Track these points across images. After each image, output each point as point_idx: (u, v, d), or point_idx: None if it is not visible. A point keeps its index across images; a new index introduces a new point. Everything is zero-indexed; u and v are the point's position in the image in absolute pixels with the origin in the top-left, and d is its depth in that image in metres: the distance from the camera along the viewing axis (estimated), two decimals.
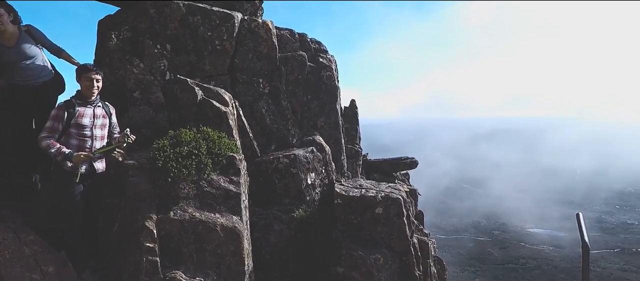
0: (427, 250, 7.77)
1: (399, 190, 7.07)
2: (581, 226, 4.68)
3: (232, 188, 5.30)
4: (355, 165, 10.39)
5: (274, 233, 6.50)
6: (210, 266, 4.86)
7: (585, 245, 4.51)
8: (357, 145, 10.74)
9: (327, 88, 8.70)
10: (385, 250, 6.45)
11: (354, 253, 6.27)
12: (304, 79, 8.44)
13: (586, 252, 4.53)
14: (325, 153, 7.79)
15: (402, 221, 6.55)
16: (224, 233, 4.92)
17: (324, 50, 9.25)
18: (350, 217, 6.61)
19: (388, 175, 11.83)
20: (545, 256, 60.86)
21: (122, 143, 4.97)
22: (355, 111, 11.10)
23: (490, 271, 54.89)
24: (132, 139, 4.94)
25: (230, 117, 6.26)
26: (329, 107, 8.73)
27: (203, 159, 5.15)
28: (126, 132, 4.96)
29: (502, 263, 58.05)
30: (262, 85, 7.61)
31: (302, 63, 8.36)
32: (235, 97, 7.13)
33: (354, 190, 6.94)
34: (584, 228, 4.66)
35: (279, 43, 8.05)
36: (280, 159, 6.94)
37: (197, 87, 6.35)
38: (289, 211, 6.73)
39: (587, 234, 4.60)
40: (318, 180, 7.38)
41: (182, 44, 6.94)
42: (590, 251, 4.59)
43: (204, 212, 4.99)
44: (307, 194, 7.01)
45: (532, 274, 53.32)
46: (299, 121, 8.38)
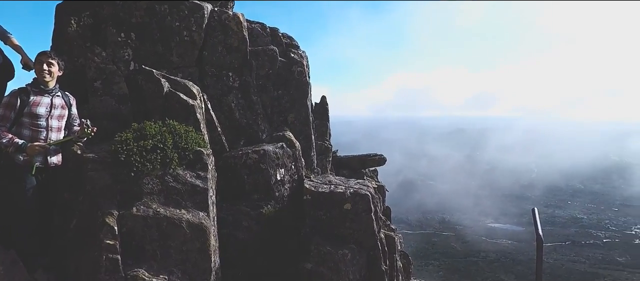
0: (394, 245, 7.96)
1: (367, 186, 7.18)
2: (536, 221, 4.96)
3: (199, 183, 5.18)
4: (325, 161, 10.44)
5: (242, 229, 6.43)
6: (175, 263, 4.74)
7: (539, 238, 4.78)
8: (327, 142, 10.79)
9: (298, 84, 8.67)
10: (353, 245, 6.55)
11: (323, 249, 6.31)
12: (275, 74, 8.36)
13: (540, 245, 4.80)
14: (295, 149, 7.77)
15: (370, 217, 6.66)
16: (190, 230, 4.81)
17: (296, 45, 9.20)
18: (319, 213, 6.64)
19: (357, 172, 11.98)
20: (504, 249, 64.05)
21: (82, 136, 4.73)
22: (326, 107, 11.13)
23: (453, 264, 57.10)
24: (93, 131, 4.71)
25: (198, 111, 6.11)
26: (300, 102, 8.71)
27: (169, 153, 5.00)
28: (86, 123, 4.71)
29: (464, 257, 60.55)
30: (231, 79, 7.47)
31: (273, 58, 8.27)
32: (204, 90, 6.96)
33: (324, 186, 6.98)
34: (539, 222, 4.94)
35: (250, 37, 7.92)
36: (250, 154, 6.85)
37: (163, 79, 6.14)
38: (258, 207, 6.67)
39: (541, 228, 4.88)
40: (288, 176, 7.35)
41: (148, 33, 6.68)
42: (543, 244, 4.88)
43: (169, 208, 4.85)
44: (276, 190, 6.97)
45: (492, 267, 55.98)
46: (269, 116, 8.30)
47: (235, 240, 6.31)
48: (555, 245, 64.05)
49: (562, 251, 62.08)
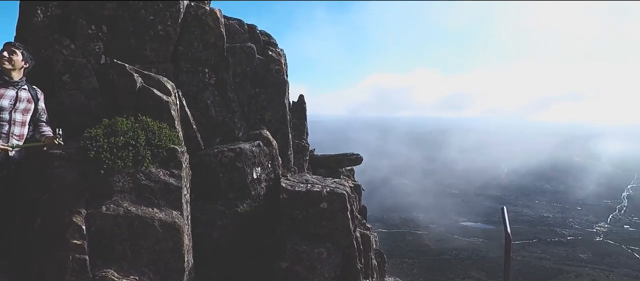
0: (369, 244, 8.05)
1: (343, 185, 7.23)
2: (505, 220, 5.15)
3: (172, 181, 5.07)
4: (302, 160, 10.43)
5: (216, 228, 6.34)
6: (147, 263, 4.62)
7: (508, 236, 4.97)
8: (304, 141, 10.79)
9: (276, 82, 8.62)
10: (329, 244, 6.58)
11: (298, 248, 6.31)
12: (252, 72, 8.28)
13: (508, 243, 4.99)
14: (272, 148, 7.73)
15: (346, 216, 6.71)
16: (163, 229, 4.70)
17: (274, 43, 9.14)
18: (296, 212, 6.64)
19: (334, 171, 12.04)
20: (475, 247, 66.09)
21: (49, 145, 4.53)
22: (304, 106, 11.12)
23: (426, 262, 58.41)
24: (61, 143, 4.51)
25: (173, 107, 5.97)
26: (277, 101, 8.66)
27: (141, 150, 4.86)
28: (59, 133, 4.51)
29: (438, 255, 62.06)
30: (207, 76, 7.34)
31: (251, 55, 8.18)
32: (179, 86, 6.81)
33: (300, 185, 6.97)
34: (507, 221, 5.13)
35: (227, 33, 7.81)
36: (226, 153, 6.76)
37: (136, 74, 5.96)
38: (233, 206, 6.59)
39: (510, 226, 5.07)
40: (264, 175, 7.30)
41: (120, 26, 6.47)
42: (511, 242, 5.07)
43: (140, 207, 4.72)
44: (252, 189, 6.92)
45: (464, 264, 57.64)
46: (246, 114, 8.22)
47: (209, 240, 6.21)
48: (523, 242, 66.65)
49: (530, 249, 64.68)
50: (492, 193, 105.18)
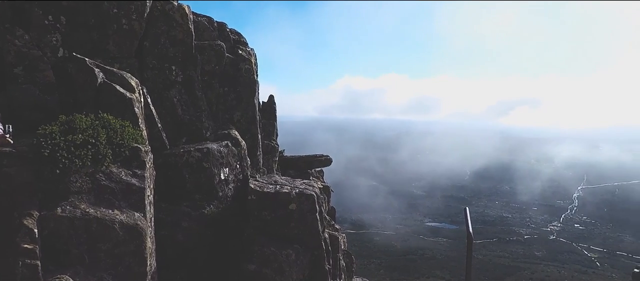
0: (337, 245, 8.10)
1: (313, 186, 7.23)
2: (467, 220, 5.32)
3: (135, 182, 4.87)
4: (272, 161, 10.35)
5: (182, 230, 6.15)
6: (106, 267, 4.40)
7: (470, 236, 5.14)
8: (274, 141, 10.71)
9: (246, 82, 8.50)
10: (298, 246, 6.56)
11: (266, 250, 6.25)
12: (222, 70, 8.12)
13: (470, 242, 5.16)
14: (241, 148, 7.61)
15: (314, 218, 6.71)
16: (124, 232, 4.50)
17: (244, 42, 9.01)
18: (264, 213, 6.57)
19: (303, 172, 12.03)
20: (439, 246, 68.22)
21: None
22: (274, 107, 11.04)
23: (393, 262, 59.60)
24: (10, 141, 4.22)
25: (136, 105, 5.74)
26: (247, 100, 8.54)
27: (102, 149, 4.64)
28: (8, 129, 4.21)
29: (403, 255, 63.49)
30: (174, 73, 7.12)
31: (220, 53, 8.02)
32: (144, 83, 6.56)
33: (269, 186, 6.91)
34: (469, 221, 5.31)
35: (196, 30, 7.61)
36: (192, 153, 6.58)
37: (97, 69, 5.68)
38: (200, 207, 6.43)
39: (472, 226, 5.25)
40: (232, 176, 7.17)
41: (81, 18, 6.14)
42: (473, 241, 5.25)
43: (100, 208, 4.50)
44: (219, 190, 6.77)
45: (429, 263, 59.31)
46: (214, 113, 8.04)
47: (174, 242, 6.02)
48: (484, 241, 69.48)
49: (490, 248, 67.51)
50: (456, 194, 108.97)
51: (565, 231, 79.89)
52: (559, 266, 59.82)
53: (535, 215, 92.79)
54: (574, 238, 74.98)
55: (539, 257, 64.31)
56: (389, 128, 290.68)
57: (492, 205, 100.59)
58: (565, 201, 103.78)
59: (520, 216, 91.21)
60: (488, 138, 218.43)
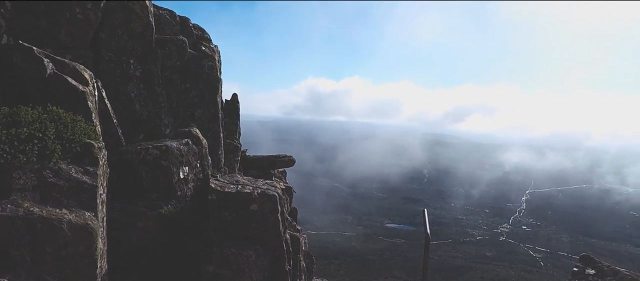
0: (298, 246, 8.12)
1: (275, 187, 7.21)
2: (425, 221, 5.55)
3: (86, 179, 4.61)
4: (234, 160, 10.18)
5: (137, 230, 5.91)
6: (51, 270, 4.14)
7: (427, 237, 5.36)
8: (236, 140, 10.55)
9: (208, 79, 8.32)
10: (258, 246, 6.51)
11: (226, 251, 6.15)
12: (183, 66, 7.89)
13: (427, 243, 5.38)
14: (202, 147, 7.43)
15: (276, 218, 6.70)
16: (72, 232, 4.25)
17: (207, 38, 8.81)
18: (225, 213, 6.46)
19: (266, 172, 11.94)
20: (398, 247, 70.16)
21: None
22: (237, 105, 10.88)
23: (353, 263, 60.54)
24: None
25: (90, 99, 5.45)
26: (209, 98, 8.36)
27: (49, 144, 4.35)
28: None
29: (363, 255, 64.69)
30: (132, 67, 6.83)
31: (182, 48, 7.80)
32: (99, 76, 6.24)
33: (230, 186, 6.81)
34: (427, 222, 5.53)
35: (157, 24, 7.35)
36: (150, 150, 6.34)
37: (46, 59, 5.33)
38: (157, 207, 6.20)
39: (429, 227, 5.48)
40: (192, 175, 6.99)
41: (29, 4, 5.73)
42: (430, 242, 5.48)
43: (46, 207, 4.22)
44: (178, 189, 6.57)
45: (387, 263, 60.81)
46: (175, 110, 7.80)
47: (128, 243, 5.77)
48: (440, 242, 72.34)
49: (445, 248, 70.41)
50: (414, 196, 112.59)
51: (514, 233, 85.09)
52: (508, 266, 63.59)
53: (487, 217, 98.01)
54: (521, 239, 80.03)
55: (490, 257, 68.01)
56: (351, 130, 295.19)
57: (448, 207, 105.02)
58: (514, 204, 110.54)
59: (474, 218, 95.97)
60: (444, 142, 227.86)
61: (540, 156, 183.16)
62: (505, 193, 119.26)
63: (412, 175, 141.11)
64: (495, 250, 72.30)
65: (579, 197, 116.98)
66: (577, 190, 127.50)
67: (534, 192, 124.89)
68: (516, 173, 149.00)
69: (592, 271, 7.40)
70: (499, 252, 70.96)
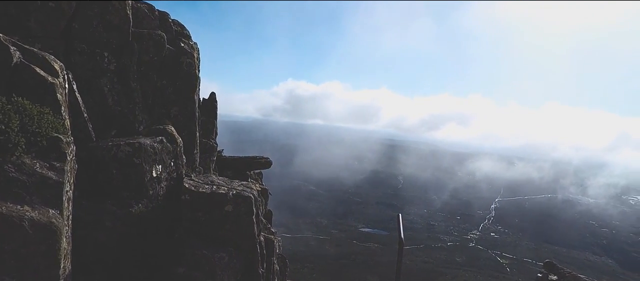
0: (273, 248, 8.05)
1: (251, 188, 7.12)
2: (400, 226, 5.61)
3: (52, 175, 4.40)
4: (209, 160, 10.00)
5: (104, 230, 5.68)
6: (9, 270, 3.91)
7: (401, 242, 5.43)
8: (212, 140, 10.37)
9: (186, 76, 8.14)
10: (231, 248, 6.40)
11: (198, 252, 6.01)
12: (161, 62, 7.69)
13: (401, 247, 5.45)
14: (177, 145, 7.25)
15: (251, 220, 6.61)
16: (34, 230, 4.04)
17: (187, 35, 8.64)
18: (198, 214, 6.32)
19: (242, 173, 11.79)
20: (371, 251, 70.82)
21: None
22: (215, 105, 10.71)
23: (326, 266, 60.63)
24: None
25: (59, 91, 5.21)
26: (186, 96, 8.18)
27: (12, 137, 4.13)
28: None
29: (337, 259, 64.93)
30: (107, 60, 6.59)
31: (160, 44, 7.60)
32: (70, 68, 5.98)
33: (205, 186, 6.67)
34: (402, 227, 5.60)
35: (135, 17, 7.14)
36: (122, 147, 6.13)
37: (13, 47, 5.07)
38: (127, 205, 5.99)
39: (403, 232, 5.55)
40: (165, 173, 6.80)
41: None
42: (404, 247, 5.55)
43: (6, 204, 3.99)
44: (150, 188, 6.38)
45: (360, 268, 61.28)
46: (150, 107, 7.58)
47: (95, 242, 5.54)
48: (412, 248, 73.52)
49: (417, 253, 71.63)
50: (389, 202, 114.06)
51: (483, 239, 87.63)
52: (476, 272, 65.40)
53: (458, 223, 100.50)
54: (490, 246, 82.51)
55: (459, 263, 69.74)
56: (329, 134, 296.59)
57: (421, 213, 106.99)
58: (484, 211, 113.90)
59: (445, 224, 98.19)
60: (420, 150, 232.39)
61: (509, 166, 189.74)
62: (476, 201, 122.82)
63: (388, 181, 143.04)
64: (465, 255, 74.21)
65: (544, 206, 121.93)
66: (543, 199, 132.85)
67: (502, 200, 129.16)
68: (487, 182, 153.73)
69: (555, 277, 7.69)
70: (469, 258, 72.88)
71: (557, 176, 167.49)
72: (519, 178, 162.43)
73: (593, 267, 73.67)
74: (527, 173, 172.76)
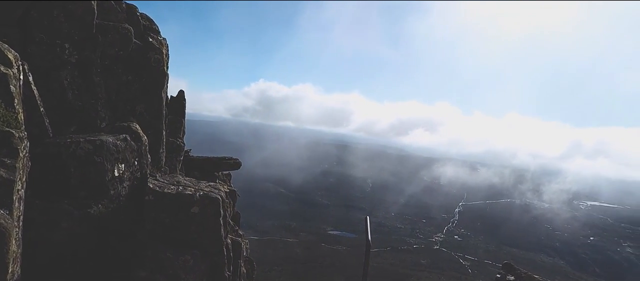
0: (240, 251, 7.91)
1: (219, 189, 6.97)
2: (367, 228, 5.68)
3: (2, 173, 4.10)
4: (176, 160, 9.70)
5: (60, 231, 5.36)
6: None
7: (368, 244, 5.49)
8: (180, 139, 10.07)
9: (153, 73, 7.87)
10: (197, 251, 6.23)
11: (162, 255, 5.80)
12: (127, 57, 7.39)
13: (368, 250, 5.51)
14: (142, 144, 6.98)
15: (218, 222, 6.47)
16: None
17: (156, 29, 8.35)
18: (162, 216, 6.11)
19: (209, 174, 11.54)
20: (339, 254, 71.24)
21: None
22: (183, 103, 10.42)
23: (294, 269, 60.41)
24: None
25: (13, 82, 4.88)
26: (153, 93, 7.90)
27: None
28: None
29: (305, 262, 64.85)
30: (67, 52, 6.25)
31: (127, 38, 7.30)
32: (26, 58, 5.63)
33: (171, 186, 6.46)
34: (369, 229, 5.67)
35: (100, 8, 6.82)
36: (82, 144, 5.82)
37: None
38: (85, 206, 5.69)
39: (370, 235, 5.61)
40: (128, 173, 6.53)
41: None
42: (371, 249, 5.62)
43: None
44: (112, 188, 6.10)
45: (328, 270, 61.51)
46: (114, 103, 7.26)
47: (48, 245, 5.22)
48: (379, 250, 74.68)
49: (384, 256, 72.85)
50: (358, 205, 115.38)
51: (447, 242, 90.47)
52: (440, 273, 67.37)
53: (423, 226, 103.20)
54: (453, 248, 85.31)
55: (424, 265, 71.62)
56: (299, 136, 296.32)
57: (388, 216, 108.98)
58: (448, 215, 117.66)
59: (412, 227, 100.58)
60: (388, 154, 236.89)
61: (473, 171, 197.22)
62: (441, 205, 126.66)
63: (357, 184, 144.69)
64: (430, 258, 76.26)
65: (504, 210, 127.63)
66: (503, 203, 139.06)
67: (466, 204, 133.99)
68: (452, 186, 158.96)
69: (512, 277, 8.06)
70: (433, 260, 74.97)
71: (516, 182, 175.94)
72: (481, 183, 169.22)
73: (547, 268, 77.91)
74: (489, 179, 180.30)
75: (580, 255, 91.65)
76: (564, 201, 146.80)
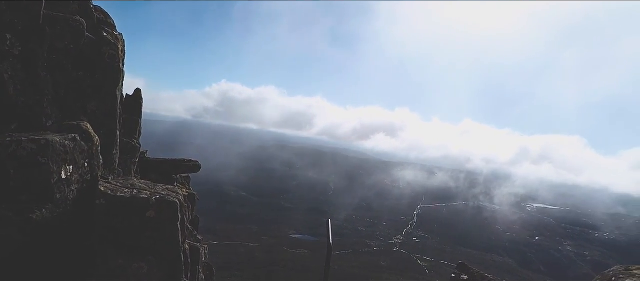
0: (198, 256, 7.65)
1: (177, 193, 6.70)
2: (329, 231, 5.70)
3: None
4: (131, 162, 9.23)
5: None
6: None
7: (330, 246, 5.51)
8: (135, 140, 9.60)
9: (107, 69, 7.44)
10: (152, 257, 5.94)
11: (113, 262, 5.48)
12: (78, 51, 6.93)
13: (330, 252, 5.53)
14: (93, 144, 6.56)
15: (175, 227, 6.21)
16: None
17: (111, 24, 7.91)
18: (115, 221, 5.76)
19: (168, 177, 11.09)
20: (300, 257, 71.11)
21: None
22: (140, 102, 9.94)
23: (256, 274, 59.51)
24: None
25: None
26: (106, 90, 7.46)
27: None
28: None
29: (266, 266, 64.08)
30: (9, 43, 5.76)
31: (78, 31, 6.85)
32: None
33: (124, 190, 6.12)
34: (331, 232, 5.69)
35: None
36: (24, 143, 5.37)
37: None
38: (26, 211, 5.24)
39: (332, 238, 5.64)
40: (77, 175, 6.11)
41: None
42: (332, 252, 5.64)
43: None
44: (58, 191, 5.67)
45: (289, 274, 61.16)
46: (62, 100, 6.77)
47: None
48: (340, 253, 75.37)
49: (345, 258, 73.58)
50: (320, 208, 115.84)
51: (406, 244, 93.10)
52: (399, 274, 69.15)
53: (384, 229, 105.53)
54: (412, 250, 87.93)
55: (384, 267, 73.18)
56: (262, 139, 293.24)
57: (350, 219, 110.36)
58: (407, 217, 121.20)
59: (372, 230, 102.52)
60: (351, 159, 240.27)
61: (430, 175, 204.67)
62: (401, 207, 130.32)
63: (319, 187, 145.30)
64: (389, 259, 78.06)
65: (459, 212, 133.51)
66: (458, 206, 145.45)
67: (424, 206, 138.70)
68: (411, 190, 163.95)
69: (466, 277, 8.42)
70: (393, 261, 76.81)
71: (470, 186, 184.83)
72: (438, 186, 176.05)
73: (497, 267, 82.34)
74: (446, 182, 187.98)
75: (526, 254, 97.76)
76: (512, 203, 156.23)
